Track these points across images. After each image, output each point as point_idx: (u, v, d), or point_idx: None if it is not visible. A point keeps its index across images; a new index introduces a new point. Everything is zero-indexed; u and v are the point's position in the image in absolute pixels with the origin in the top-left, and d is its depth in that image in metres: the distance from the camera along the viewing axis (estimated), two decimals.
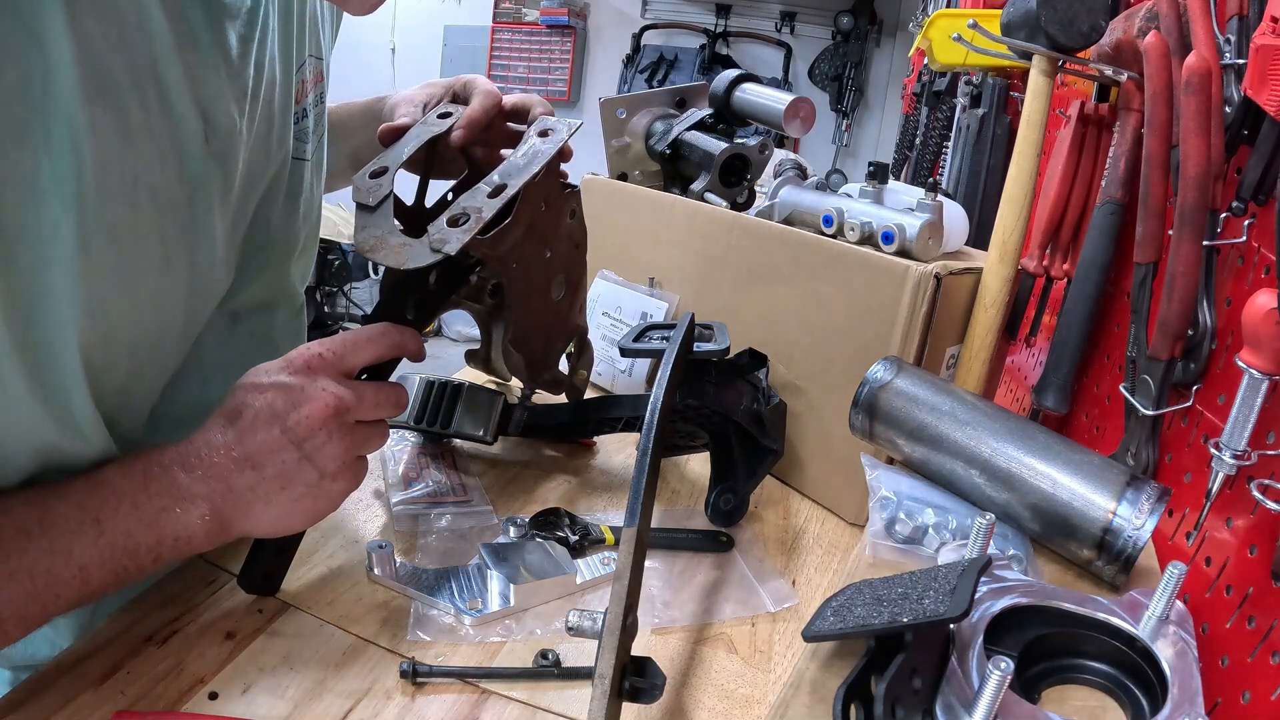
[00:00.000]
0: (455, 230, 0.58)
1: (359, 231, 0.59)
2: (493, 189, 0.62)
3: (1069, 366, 0.86)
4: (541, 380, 0.78)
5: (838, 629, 0.51)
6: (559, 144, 0.66)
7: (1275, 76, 0.51)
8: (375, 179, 0.64)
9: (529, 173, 0.63)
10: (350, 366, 0.58)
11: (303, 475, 0.54)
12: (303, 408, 0.54)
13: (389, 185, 0.63)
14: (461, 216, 0.59)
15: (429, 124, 0.70)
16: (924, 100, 2.30)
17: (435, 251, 0.57)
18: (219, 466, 0.52)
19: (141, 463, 0.52)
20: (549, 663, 0.58)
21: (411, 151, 0.68)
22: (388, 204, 0.62)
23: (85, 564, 0.48)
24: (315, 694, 0.53)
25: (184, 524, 0.51)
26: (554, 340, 0.78)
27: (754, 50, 5.03)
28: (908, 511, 0.68)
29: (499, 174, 0.63)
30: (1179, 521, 0.66)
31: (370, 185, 0.64)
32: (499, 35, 5.44)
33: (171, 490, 0.51)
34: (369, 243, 0.58)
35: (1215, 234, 0.63)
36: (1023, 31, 0.78)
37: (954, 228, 0.86)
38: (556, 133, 0.67)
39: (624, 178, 1.14)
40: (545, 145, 0.66)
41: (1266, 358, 0.51)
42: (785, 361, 0.87)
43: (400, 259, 0.57)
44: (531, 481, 0.84)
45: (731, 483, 0.79)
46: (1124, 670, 0.52)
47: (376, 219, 0.60)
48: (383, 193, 0.63)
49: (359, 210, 0.62)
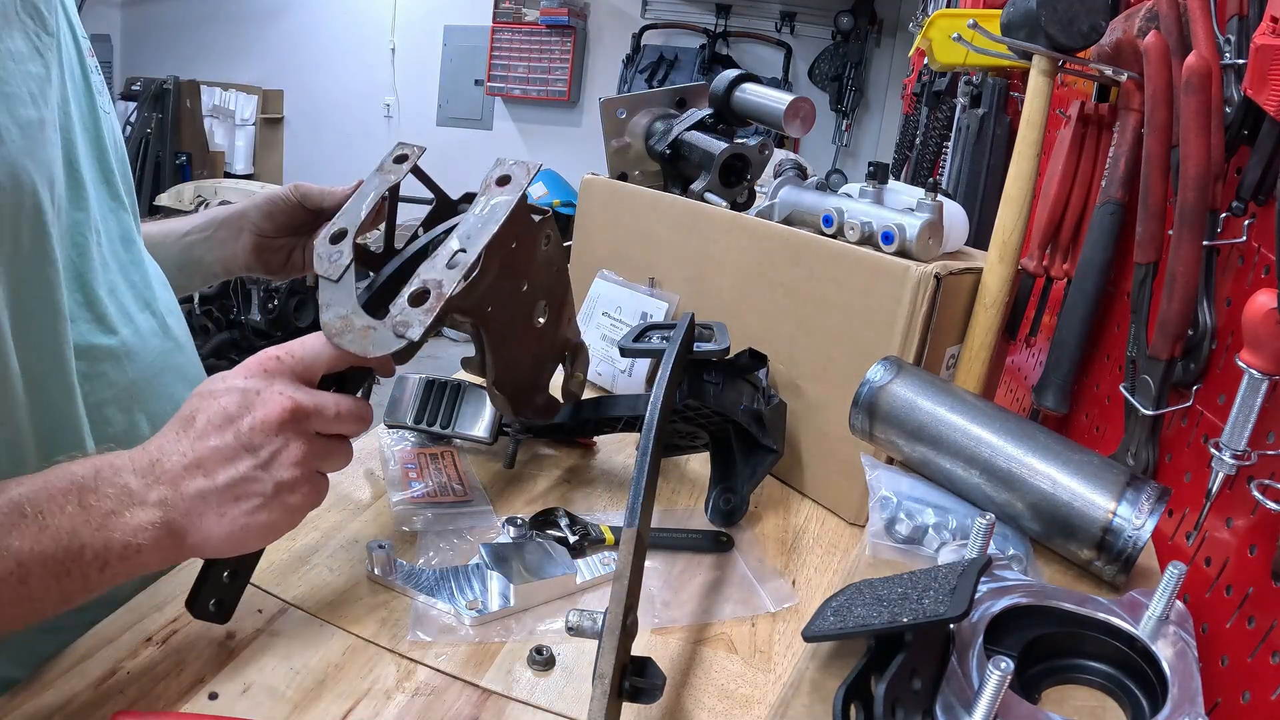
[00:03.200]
0: (418, 312, 0.56)
1: (324, 310, 0.57)
2: (451, 256, 0.59)
3: (1069, 366, 0.86)
4: (534, 405, 0.77)
5: (838, 629, 0.51)
6: (518, 193, 0.63)
7: (1275, 76, 0.51)
8: (335, 244, 0.61)
9: (488, 234, 0.60)
10: (311, 373, 0.56)
11: (257, 485, 0.52)
12: (256, 411, 0.52)
13: (349, 253, 0.60)
14: (423, 293, 0.57)
15: (385, 171, 0.67)
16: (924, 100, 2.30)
17: (400, 337, 0.55)
18: (170, 473, 0.50)
19: (91, 464, 0.50)
20: (542, 659, 0.58)
21: (371, 207, 0.65)
22: (349, 275, 0.59)
23: (24, 559, 0.45)
24: (315, 694, 0.53)
25: (132, 530, 0.49)
26: (543, 363, 0.77)
27: (754, 50, 5.04)
28: (908, 511, 0.68)
29: (458, 237, 0.60)
30: (1179, 521, 0.66)
31: (330, 253, 0.60)
32: (499, 35, 5.44)
33: (121, 494, 0.49)
34: (335, 326, 0.55)
35: (1215, 234, 0.63)
36: (1023, 31, 0.78)
37: (954, 228, 0.86)
38: (515, 179, 0.64)
39: (624, 178, 1.14)
40: (503, 197, 0.62)
41: (1266, 358, 0.51)
42: (785, 361, 0.87)
43: (365, 345, 0.55)
44: (531, 481, 0.84)
45: (731, 483, 0.79)
46: (1124, 670, 0.52)
47: (340, 295, 0.58)
48: (344, 262, 0.60)
49: (321, 282, 0.59)
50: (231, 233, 0.88)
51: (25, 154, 0.53)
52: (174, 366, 0.74)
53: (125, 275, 0.70)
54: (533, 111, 5.56)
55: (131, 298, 0.70)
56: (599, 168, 1.16)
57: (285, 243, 0.89)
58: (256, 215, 0.87)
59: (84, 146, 0.65)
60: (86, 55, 0.69)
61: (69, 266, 0.62)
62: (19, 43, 0.55)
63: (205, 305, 4.09)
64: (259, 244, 0.88)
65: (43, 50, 0.57)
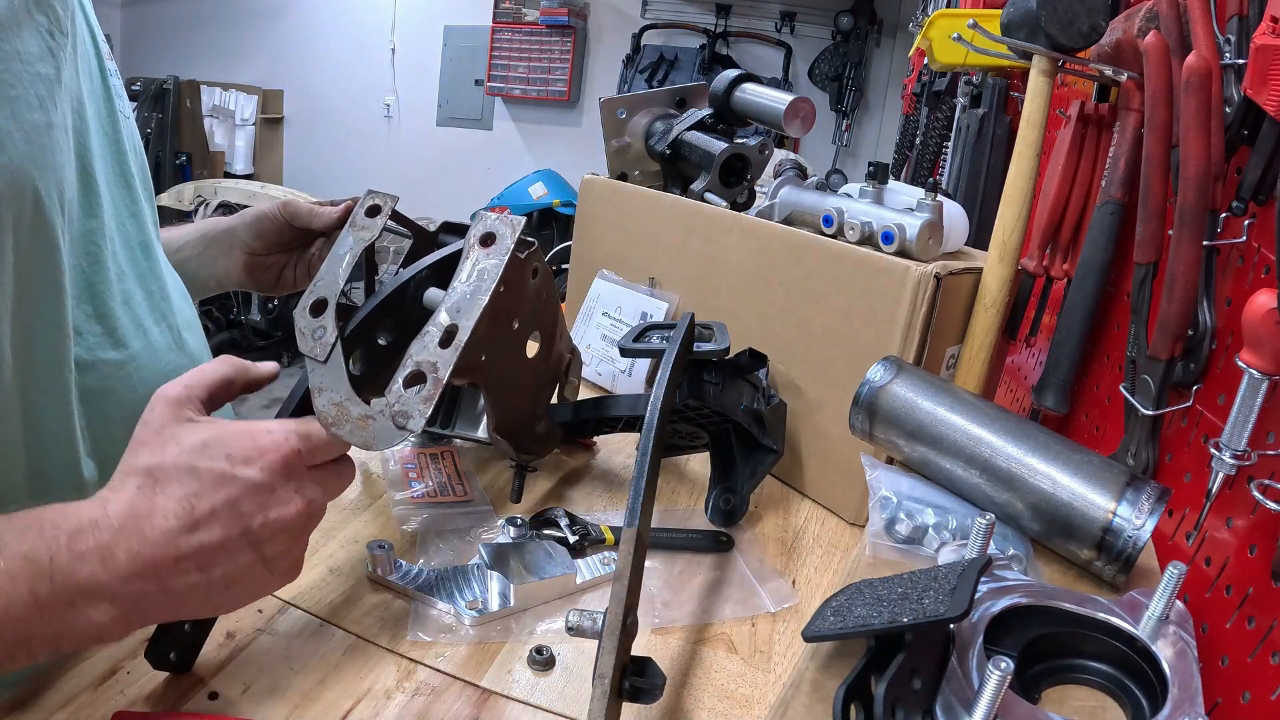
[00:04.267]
0: (416, 399, 0.53)
1: (316, 395, 0.54)
2: (443, 334, 0.56)
3: (1069, 366, 0.86)
4: (533, 436, 0.76)
5: (838, 629, 0.51)
6: (505, 255, 0.60)
7: (1275, 76, 0.51)
8: (316, 317, 0.57)
9: (479, 306, 0.57)
10: (322, 459, 0.53)
11: (253, 575, 0.49)
12: (271, 510, 0.48)
13: (332, 329, 0.57)
14: (418, 375, 0.55)
15: (359, 228, 0.63)
16: (924, 100, 2.30)
17: (401, 429, 0.53)
18: (156, 563, 0.45)
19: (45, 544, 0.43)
20: (542, 659, 0.58)
21: (349, 269, 0.61)
22: (337, 354, 0.56)
23: None
24: (315, 694, 0.53)
25: (94, 626, 0.44)
26: (540, 392, 0.76)
27: (754, 50, 5.04)
28: (908, 511, 0.68)
29: (447, 310, 0.57)
30: (1179, 521, 0.66)
31: (313, 327, 0.57)
32: (499, 35, 5.44)
33: (85, 588, 0.43)
34: (329, 414, 0.53)
35: (1215, 234, 0.63)
36: (1023, 31, 0.78)
37: (954, 228, 0.86)
38: (501, 238, 0.61)
39: (624, 178, 1.14)
40: (491, 261, 0.60)
41: (1266, 358, 0.51)
42: (785, 361, 0.87)
43: (365, 438, 0.53)
44: (531, 481, 0.84)
45: (731, 483, 0.79)
46: (1124, 670, 0.52)
47: (330, 378, 0.55)
48: (329, 340, 0.56)
49: (309, 363, 0.56)
50: (223, 250, 0.87)
51: (29, 160, 0.52)
52: None
53: (142, 284, 0.68)
54: (533, 111, 5.56)
55: (147, 309, 0.67)
56: (599, 168, 1.16)
57: (276, 260, 0.89)
58: (246, 234, 0.86)
59: (100, 150, 0.64)
60: (106, 59, 0.67)
61: (79, 277, 0.60)
62: (29, 42, 0.53)
63: (205, 305, 4.09)
64: (250, 262, 0.87)
65: (54, 50, 0.55)
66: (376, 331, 0.61)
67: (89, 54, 0.64)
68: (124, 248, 0.66)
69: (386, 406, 0.53)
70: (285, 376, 0.64)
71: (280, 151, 6.30)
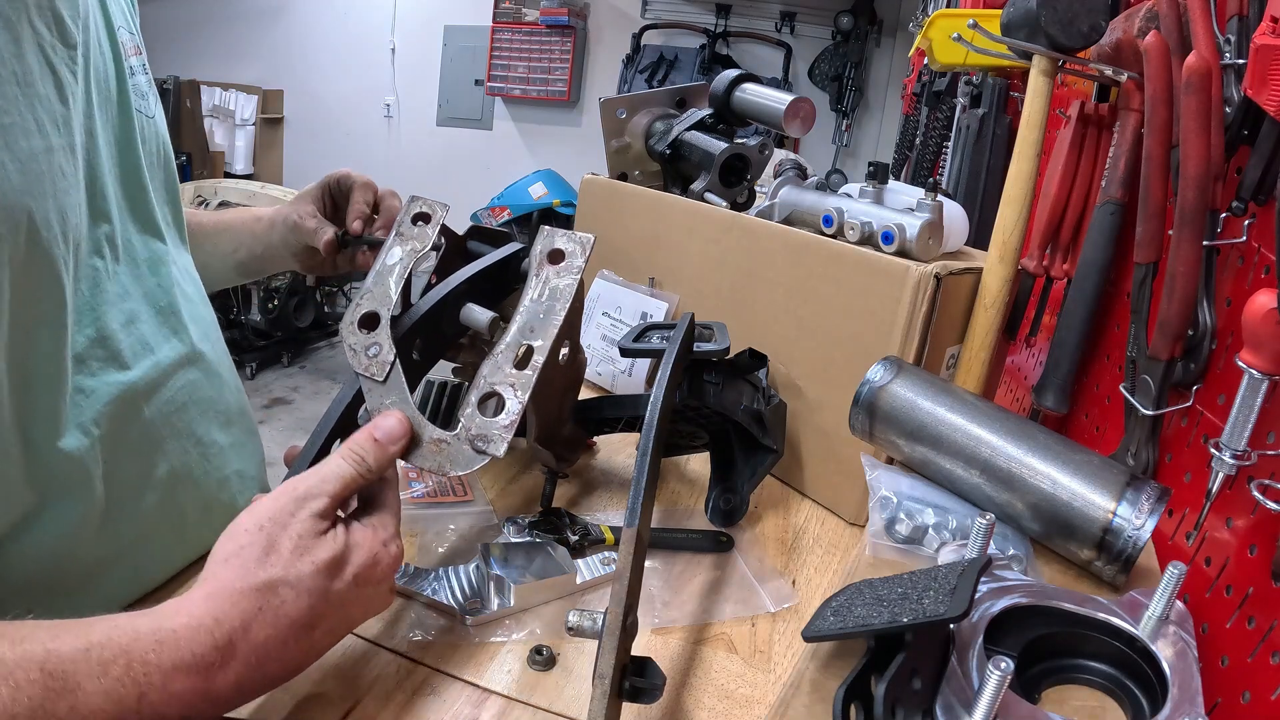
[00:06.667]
0: (495, 425, 0.52)
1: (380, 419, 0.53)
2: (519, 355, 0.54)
3: (1069, 366, 0.86)
4: (563, 439, 0.75)
5: (838, 629, 0.51)
6: (578, 275, 0.58)
7: (1275, 76, 0.51)
8: (368, 332, 0.55)
9: (554, 325, 0.55)
10: None
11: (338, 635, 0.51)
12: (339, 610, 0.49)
13: (388, 345, 0.54)
14: (493, 396, 0.53)
15: (406, 236, 0.60)
16: (924, 100, 2.30)
17: (480, 453, 0.52)
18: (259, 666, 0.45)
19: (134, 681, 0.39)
20: (542, 659, 0.58)
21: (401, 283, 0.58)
22: (397, 372, 0.53)
23: None
24: (315, 694, 0.53)
25: None
26: (566, 394, 0.75)
27: (754, 50, 5.04)
28: (908, 511, 0.68)
29: (518, 329, 0.55)
30: (1179, 521, 0.66)
31: (366, 344, 0.54)
32: (499, 35, 5.44)
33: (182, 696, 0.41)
34: None
35: (1215, 234, 0.63)
36: (1023, 31, 0.78)
37: (954, 228, 0.86)
38: (571, 256, 0.59)
39: (624, 178, 1.14)
40: (564, 281, 0.58)
41: (1266, 358, 0.51)
42: (785, 361, 0.87)
43: (442, 463, 0.52)
44: (531, 481, 0.84)
45: (731, 483, 0.79)
46: (1124, 670, 0.52)
47: (394, 399, 0.53)
48: (386, 357, 0.54)
49: (365, 383, 0.54)
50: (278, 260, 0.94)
51: (23, 191, 0.50)
52: (201, 400, 0.69)
53: (150, 301, 0.66)
54: (533, 111, 5.56)
55: (155, 326, 0.65)
56: (599, 168, 1.16)
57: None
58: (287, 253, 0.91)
59: (109, 167, 0.62)
60: (127, 55, 0.65)
61: (82, 304, 0.58)
62: (29, 61, 0.51)
63: None
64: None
65: (56, 66, 0.53)
66: (412, 347, 0.60)
67: (104, 57, 0.62)
68: (128, 264, 0.64)
69: (463, 430, 0.52)
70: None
71: (280, 151, 6.30)
